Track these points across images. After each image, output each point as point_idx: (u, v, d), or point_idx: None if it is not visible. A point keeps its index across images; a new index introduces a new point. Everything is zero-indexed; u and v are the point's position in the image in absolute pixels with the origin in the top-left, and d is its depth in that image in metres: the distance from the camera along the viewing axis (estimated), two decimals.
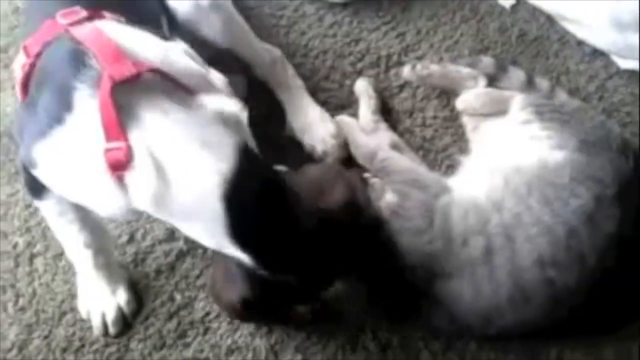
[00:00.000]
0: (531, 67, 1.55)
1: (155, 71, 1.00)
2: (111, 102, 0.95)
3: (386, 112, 1.52)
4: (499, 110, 1.38)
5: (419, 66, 1.49)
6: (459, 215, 1.20)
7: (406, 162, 1.35)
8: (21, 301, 1.37)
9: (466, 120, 1.44)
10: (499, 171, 1.23)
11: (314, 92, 1.54)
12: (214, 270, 1.18)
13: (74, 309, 1.35)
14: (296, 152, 1.48)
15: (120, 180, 0.98)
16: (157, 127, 0.97)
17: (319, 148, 1.45)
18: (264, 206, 1.00)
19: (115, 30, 1.05)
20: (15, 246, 1.42)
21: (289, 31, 1.63)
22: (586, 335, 1.26)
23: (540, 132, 1.25)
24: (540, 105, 1.32)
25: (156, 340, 1.33)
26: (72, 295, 1.36)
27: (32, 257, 1.41)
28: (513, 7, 1.63)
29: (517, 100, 1.35)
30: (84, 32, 1.03)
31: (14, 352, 1.33)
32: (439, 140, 1.49)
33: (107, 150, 0.96)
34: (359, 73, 1.57)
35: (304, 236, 1.03)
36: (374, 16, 1.63)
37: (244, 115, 1.07)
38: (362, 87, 1.52)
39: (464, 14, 1.62)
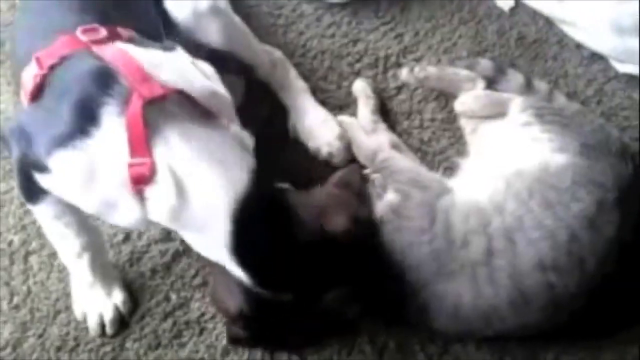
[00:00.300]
0: (529, 70, 1.54)
1: (180, 93, 1.05)
2: (141, 119, 1.00)
3: (384, 113, 1.51)
4: (497, 112, 1.38)
5: (417, 68, 1.49)
6: (460, 216, 1.20)
7: (407, 162, 1.35)
8: (16, 299, 1.37)
9: (464, 123, 1.44)
10: (500, 173, 1.23)
11: (312, 93, 1.53)
12: (215, 276, 1.18)
13: (68, 308, 1.35)
14: (300, 154, 1.48)
15: (139, 194, 1.03)
16: (179, 145, 1.03)
17: (324, 150, 1.44)
18: (266, 228, 1.06)
19: (135, 51, 1.09)
20: (10, 244, 1.41)
21: (287, 31, 1.62)
22: (585, 339, 1.27)
23: (541, 134, 1.25)
24: (541, 107, 1.32)
25: (151, 340, 1.32)
26: (67, 294, 1.35)
27: (27, 255, 1.40)
28: (512, 9, 1.63)
29: (517, 103, 1.34)
30: (109, 51, 1.07)
31: (8, 350, 1.33)
32: (437, 142, 1.49)
33: (131, 165, 1.01)
34: (357, 74, 1.57)
35: (304, 257, 1.07)
36: (373, 17, 1.63)
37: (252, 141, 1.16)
38: (360, 88, 1.51)
39: (462, 16, 1.62)
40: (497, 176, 1.24)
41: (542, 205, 1.17)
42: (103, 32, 1.12)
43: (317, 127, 1.47)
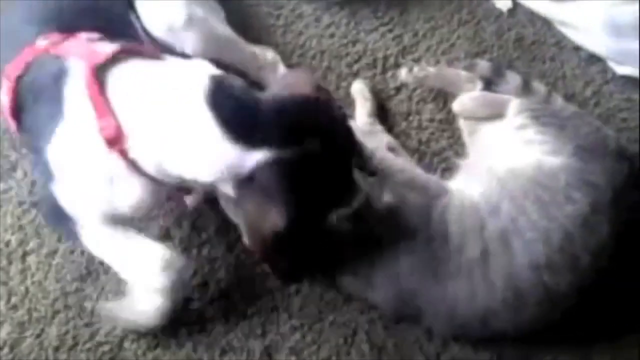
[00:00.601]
0: (528, 71, 1.54)
1: (124, 50, 1.11)
2: (94, 83, 1.07)
3: (382, 114, 1.51)
4: (495, 113, 1.38)
5: (415, 69, 1.49)
6: (456, 217, 1.20)
7: (404, 164, 1.35)
8: (13, 299, 1.36)
9: (463, 124, 1.44)
10: (495, 175, 1.24)
11: None
12: (248, 206, 1.08)
13: (66, 308, 1.34)
14: None
15: (125, 157, 1.08)
16: (134, 90, 1.08)
17: None
18: (246, 99, 1.07)
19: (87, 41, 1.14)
20: (7, 244, 1.41)
21: (286, 31, 1.62)
22: (582, 342, 1.27)
23: (535, 136, 1.26)
24: (537, 109, 1.32)
25: (150, 340, 1.32)
26: (65, 294, 1.35)
27: (25, 254, 1.40)
28: (510, 11, 1.63)
29: (514, 105, 1.35)
30: (64, 47, 1.14)
31: (6, 350, 1.32)
32: (435, 143, 1.49)
33: (102, 129, 1.07)
34: (356, 74, 1.56)
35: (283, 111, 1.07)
36: (372, 17, 1.62)
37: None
38: (358, 90, 1.51)
39: (461, 17, 1.62)
40: (492, 176, 1.25)
41: (536, 205, 1.18)
42: (59, 37, 1.16)
43: None
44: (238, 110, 1.04)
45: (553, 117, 1.29)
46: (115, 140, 1.07)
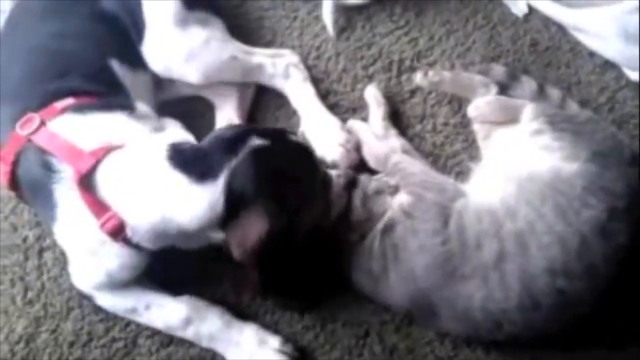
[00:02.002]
0: (542, 76, 1.54)
1: (107, 150, 1.19)
2: (84, 189, 1.15)
3: (397, 117, 1.52)
4: (510, 118, 1.38)
5: (431, 72, 1.49)
6: (474, 219, 1.21)
7: (420, 166, 1.36)
8: (30, 294, 1.38)
9: (477, 128, 1.44)
10: (512, 178, 1.24)
11: (326, 95, 1.55)
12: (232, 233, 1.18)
13: (82, 304, 1.36)
14: None
15: (126, 242, 1.18)
16: (120, 179, 1.17)
17: (328, 157, 1.45)
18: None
19: (64, 127, 1.22)
20: (25, 239, 1.43)
21: (303, 33, 1.63)
22: (595, 346, 1.28)
23: (552, 142, 1.25)
24: (552, 115, 1.32)
25: (163, 337, 1.34)
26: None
27: (42, 250, 1.42)
28: (526, 16, 1.63)
29: (529, 109, 1.35)
30: (42, 137, 1.21)
31: (22, 345, 1.34)
32: (449, 146, 1.50)
33: (102, 225, 1.15)
34: (371, 77, 1.57)
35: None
36: (388, 21, 1.63)
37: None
38: (372, 94, 1.52)
39: (476, 22, 1.62)
40: (509, 180, 1.25)
41: (553, 210, 1.17)
42: (36, 120, 1.22)
43: (323, 134, 1.47)
44: (193, 157, 1.16)
45: (568, 123, 1.29)
46: (118, 230, 1.16)
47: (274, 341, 1.31)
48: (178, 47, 1.39)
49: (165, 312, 1.30)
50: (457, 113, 1.52)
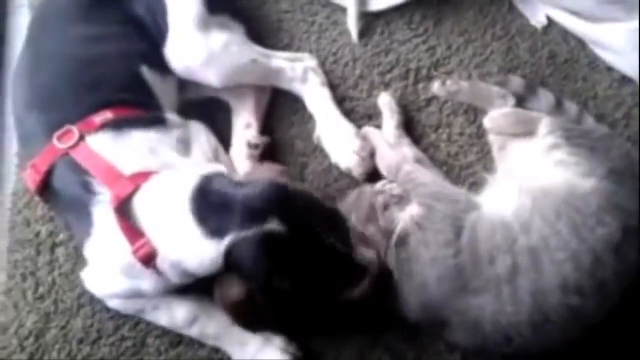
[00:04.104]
0: (559, 89, 1.54)
1: (146, 176, 1.21)
2: (120, 216, 1.17)
3: (412, 126, 1.52)
4: (526, 131, 1.38)
5: (449, 82, 1.49)
6: (487, 232, 1.20)
7: (433, 177, 1.36)
8: (41, 290, 1.39)
9: (493, 139, 1.44)
10: (527, 192, 1.23)
11: (342, 101, 1.54)
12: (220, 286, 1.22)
13: (92, 301, 1.36)
14: (322, 160, 1.50)
15: (155, 268, 1.18)
16: (159, 212, 1.18)
17: (343, 165, 1.46)
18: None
19: (103, 145, 1.24)
20: (37, 234, 1.43)
21: (320, 38, 1.62)
22: None
23: (568, 157, 1.25)
24: (569, 130, 1.32)
25: (173, 338, 1.34)
26: None
27: (54, 246, 1.42)
28: (545, 28, 1.62)
29: (545, 123, 1.34)
30: (82, 155, 1.23)
31: (31, 340, 1.35)
32: (464, 157, 1.49)
33: (135, 252, 1.17)
34: (388, 84, 1.57)
35: None
36: (406, 28, 1.63)
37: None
38: (386, 102, 1.52)
39: (495, 32, 1.62)
40: (523, 193, 1.24)
41: (568, 227, 1.17)
42: (75, 134, 1.24)
43: (338, 140, 1.47)
44: (213, 208, 1.15)
45: (585, 139, 1.29)
46: (151, 258, 1.17)
47: (279, 341, 1.31)
48: (199, 50, 1.40)
49: (171, 311, 1.31)
50: (472, 124, 1.52)
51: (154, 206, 1.19)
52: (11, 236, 1.45)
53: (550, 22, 1.63)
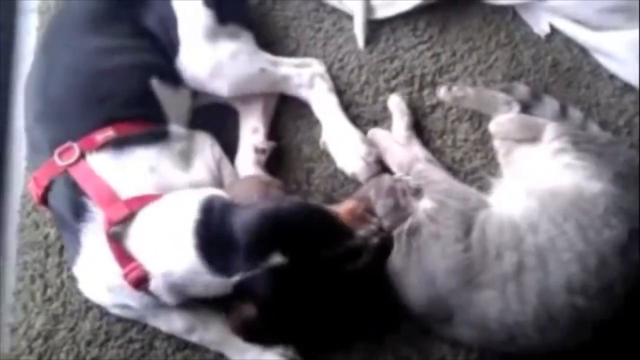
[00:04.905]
0: (562, 96, 1.55)
1: (142, 200, 1.21)
2: (112, 239, 1.18)
3: (417, 131, 1.53)
4: (531, 136, 1.39)
5: (455, 87, 1.51)
6: (496, 229, 1.22)
7: (444, 175, 1.38)
8: (49, 291, 1.39)
9: (498, 144, 1.45)
10: (534, 193, 1.25)
11: (348, 106, 1.56)
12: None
13: (100, 304, 1.37)
14: (328, 165, 1.51)
15: (147, 291, 1.20)
16: (152, 241, 1.20)
17: (348, 169, 1.47)
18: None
19: (102, 165, 1.25)
20: (46, 237, 1.44)
21: (326, 44, 1.64)
22: None
23: (575, 161, 1.27)
24: (575, 135, 1.33)
25: (180, 341, 1.35)
26: None
27: (62, 248, 1.43)
28: (548, 36, 1.64)
29: (551, 129, 1.36)
30: (80, 174, 1.23)
31: (40, 341, 1.35)
32: (469, 162, 1.51)
33: (126, 275, 1.18)
34: (393, 90, 1.58)
35: None
36: (411, 35, 1.64)
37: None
38: (395, 104, 1.54)
39: (499, 40, 1.63)
40: (531, 194, 1.26)
41: (575, 228, 1.19)
42: (76, 151, 1.25)
43: (344, 146, 1.49)
44: (216, 245, 1.16)
45: (591, 144, 1.30)
46: (142, 281, 1.18)
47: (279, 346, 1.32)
48: (208, 60, 1.41)
49: (169, 320, 1.32)
50: (477, 129, 1.53)
51: (152, 234, 1.20)
52: (20, 238, 1.46)
53: (553, 30, 1.64)
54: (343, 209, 1.28)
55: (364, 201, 1.32)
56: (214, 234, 1.16)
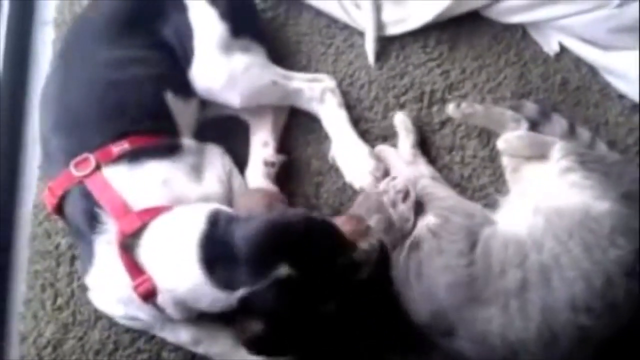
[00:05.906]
0: (571, 115, 1.56)
1: (154, 212, 1.23)
2: (124, 251, 1.20)
3: (426, 147, 1.55)
4: (539, 154, 1.40)
5: (464, 104, 1.52)
6: (500, 246, 1.23)
7: (448, 191, 1.39)
8: (59, 301, 1.41)
9: (506, 161, 1.46)
10: (541, 211, 1.26)
11: (357, 121, 1.57)
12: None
13: (109, 314, 1.38)
14: (336, 179, 1.53)
15: (154, 304, 1.22)
16: (164, 254, 1.21)
17: (357, 184, 1.48)
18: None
19: (117, 178, 1.26)
20: (57, 246, 1.46)
21: (337, 60, 1.65)
22: None
23: (582, 180, 1.27)
24: (583, 154, 1.34)
25: (187, 352, 1.35)
26: None
27: (73, 258, 1.45)
28: (557, 55, 1.65)
29: (559, 147, 1.36)
30: (95, 185, 1.25)
31: (49, 350, 1.37)
32: (477, 179, 1.52)
33: (136, 287, 1.19)
34: (402, 106, 1.60)
35: None
36: (421, 52, 1.66)
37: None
38: (401, 121, 1.55)
39: (508, 58, 1.65)
40: (537, 212, 1.26)
41: (580, 246, 1.19)
42: (92, 162, 1.26)
43: (353, 160, 1.50)
44: (221, 260, 1.16)
45: (598, 164, 1.31)
46: (151, 294, 1.20)
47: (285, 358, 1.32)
48: (221, 71, 1.43)
49: (176, 333, 1.33)
50: (485, 146, 1.54)
51: (160, 247, 1.21)
52: (31, 247, 1.48)
53: (563, 49, 1.65)
54: (342, 223, 1.28)
55: (357, 219, 1.33)
56: (218, 247, 1.17)
